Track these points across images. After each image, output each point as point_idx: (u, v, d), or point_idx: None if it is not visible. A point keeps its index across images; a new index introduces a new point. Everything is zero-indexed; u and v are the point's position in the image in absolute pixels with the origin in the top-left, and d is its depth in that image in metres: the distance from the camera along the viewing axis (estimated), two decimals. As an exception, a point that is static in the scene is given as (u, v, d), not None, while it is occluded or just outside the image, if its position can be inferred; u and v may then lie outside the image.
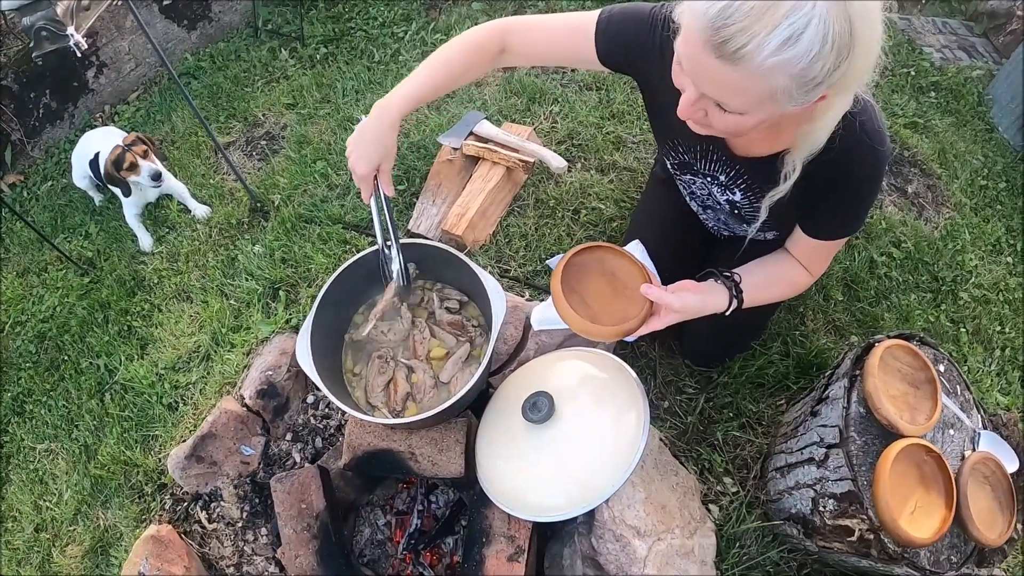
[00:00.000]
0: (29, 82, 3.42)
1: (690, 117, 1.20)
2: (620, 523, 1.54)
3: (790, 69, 0.98)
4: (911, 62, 3.35)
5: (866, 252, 2.47)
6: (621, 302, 1.45)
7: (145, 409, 2.31)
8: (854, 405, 1.59)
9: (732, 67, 1.00)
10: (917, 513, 1.47)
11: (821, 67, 0.99)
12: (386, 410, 1.70)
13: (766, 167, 1.36)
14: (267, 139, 3.16)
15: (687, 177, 1.69)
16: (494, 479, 1.58)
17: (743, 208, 1.60)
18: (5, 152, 3.46)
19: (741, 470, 1.99)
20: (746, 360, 2.13)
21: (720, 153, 1.49)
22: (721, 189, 1.60)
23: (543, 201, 2.53)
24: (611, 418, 1.55)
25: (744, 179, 1.50)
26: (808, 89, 1.03)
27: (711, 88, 1.09)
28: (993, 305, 2.47)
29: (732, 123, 1.15)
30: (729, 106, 1.10)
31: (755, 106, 1.08)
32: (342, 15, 3.64)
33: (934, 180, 2.85)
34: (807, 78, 1.00)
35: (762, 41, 0.96)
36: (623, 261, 1.50)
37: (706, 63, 1.03)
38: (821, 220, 1.44)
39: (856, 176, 1.32)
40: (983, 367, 2.29)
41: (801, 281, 1.57)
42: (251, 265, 2.52)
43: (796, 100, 1.05)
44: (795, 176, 1.27)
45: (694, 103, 1.15)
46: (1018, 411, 2.18)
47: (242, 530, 1.98)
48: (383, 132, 1.49)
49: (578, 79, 3.01)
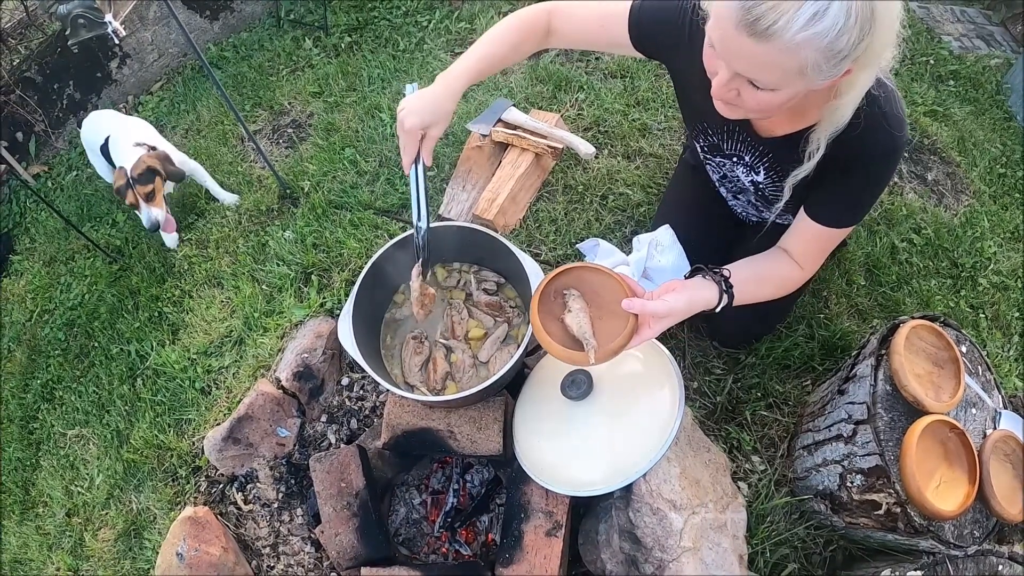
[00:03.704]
0: (53, 73, 3.47)
1: (723, 98, 1.25)
2: (657, 496, 1.56)
3: (818, 43, 1.03)
4: (930, 51, 3.35)
5: (887, 238, 2.49)
6: (606, 321, 1.41)
7: (178, 393, 2.34)
8: (880, 383, 1.62)
9: (764, 44, 1.05)
10: (942, 488, 1.50)
11: (847, 40, 1.04)
12: (425, 388, 1.72)
13: (789, 146, 1.40)
14: (293, 127, 3.19)
15: (718, 159, 1.71)
16: (532, 456, 1.61)
17: (766, 188, 1.64)
18: (30, 143, 3.51)
19: (768, 449, 2.01)
20: (772, 342, 2.16)
21: (745, 134, 1.53)
22: (746, 170, 1.64)
23: (571, 187, 2.54)
24: (647, 395, 1.58)
25: (768, 158, 1.54)
26: (835, 62, 1.08)
27: (744, 66, 1.13)
28: (1012, 292, 2.48)
29: (764, 100, 1.19)
30: (761, 83, 1.15)
31: (787, 81, 1.13)
32: (365, 4, 3.65)
33: (953, 168, 2.86)
34: (834, 51, 1.05)
35: (792, 17, 1.01)
36: (602, 277, 1.46)
37: (739, 42, 1.08)
38: (827, 202, 1.47)
39: (871, 157, 1.36)
40: (1002, 352, 2.30)
41: (793, 278, 1.57)
42: (282, 251, 2.54)
43: (825, 73, 1.10)
44: (819, 155, 1.31)
45: (727, 83, 1.19)
46: None
47: (278, 511, 2.00)
48: (441, 96, 1.49)
49: (602, 67, 3.02)
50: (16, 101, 3.39)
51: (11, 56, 3.45)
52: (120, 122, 2.81)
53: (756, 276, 1.54)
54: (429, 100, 1.48)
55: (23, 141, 3.50)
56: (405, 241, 1.73)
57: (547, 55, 3.07)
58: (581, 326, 1.37)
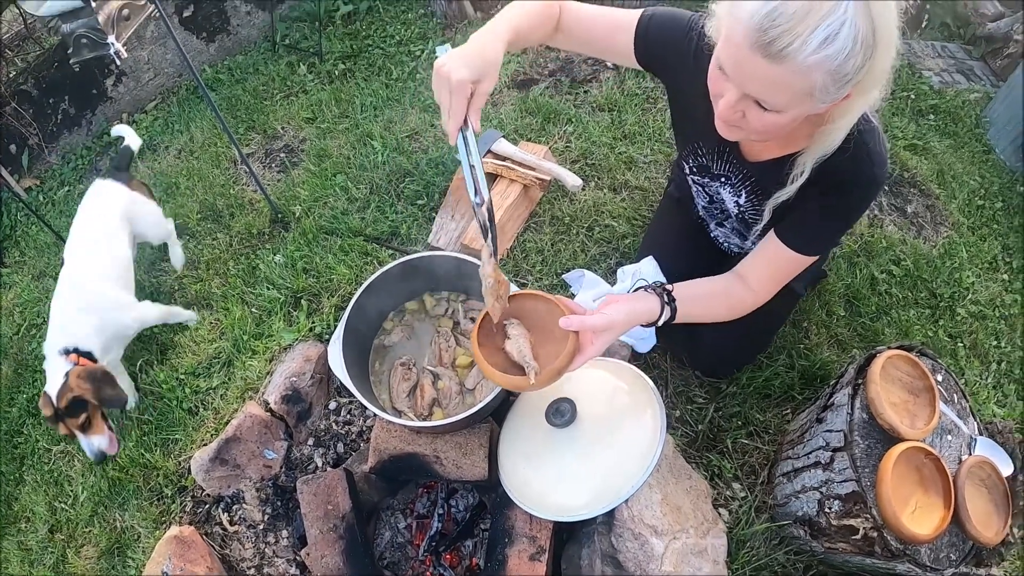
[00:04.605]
0: (49, 87, 3.51)
1: (728, 119, 1.29)
2: (639, 522, 1.61)
3: (828, 65, 1.09)
4: (911, 86, 3.43)
5: (867, 269, 2.54)
6: (550, 345, 1.43)
7: (165, 413, 2.35)
8: (857, 411, 1.68)
9: (778, 65, 1.10)
10: (917, 512, 1.55)
11: (852, 64, 1.09)
12: (412, 414, 1.76)
13: (774, 170, 1.46)
14: (286, 152, 3.23)
15: (706, 180, 1.76)
16: (517, 481, 1.65)
17: (746, 212, 1.70)
18: (23, 156, 3.53)
19: (749, 476, 2.05)
20: (753, 372, 2.21)
21: (734, 156, 1.59)
22: (731, 191, 1.69)
23: (558, 218, 2.61)
24: (630, 423, 1.63)
25: (751, 181, 1.60)
26: (840, 85, 1.13)
27: (755, 87, 1.18)
28: (989, 321, 2.53)
29: (769, 121, 1.24)
30: (770, 104, 1.19)
31: (795, 103, 1.18)
32: (359, 32, 3.73)
33: (933, 200, 2.92)
34: (841, 74, 1.11)
35: (805, 40, 1.06)
36: (541, 303, 1.49)
37: (753, 63, 1.13)
38: (797, 226, 1.51)
39: (850, 187, 1.41)
40: (980, 380, 2.36)
41: (744, 300, 1.61)
42: (272, 274, 2.58)
43: (830, 95, 1.16)
44: (802, 179, 1.37)
45: (734, 104, 1.24)
46: (1014, 422, 2.24)
47: (263, 532, 2.03)
48: (489, 45, 1.31)
49: (591, 100, 3.10)
50: (11, 113, 3.41)
51: (8, 68, 3.49)
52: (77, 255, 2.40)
53: (703, 293, 1.59)
54: (476, 51, 1.28)
55: (16, 154, 3.52)
56: (395, 269, 1.78)
57: (536, 87, 3.15)
58: (521, 351, 1.41)
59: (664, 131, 2.93)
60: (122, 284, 2.40)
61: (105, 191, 2.54)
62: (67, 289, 2.29)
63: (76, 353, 2.17)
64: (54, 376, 2.11)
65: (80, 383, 2.06)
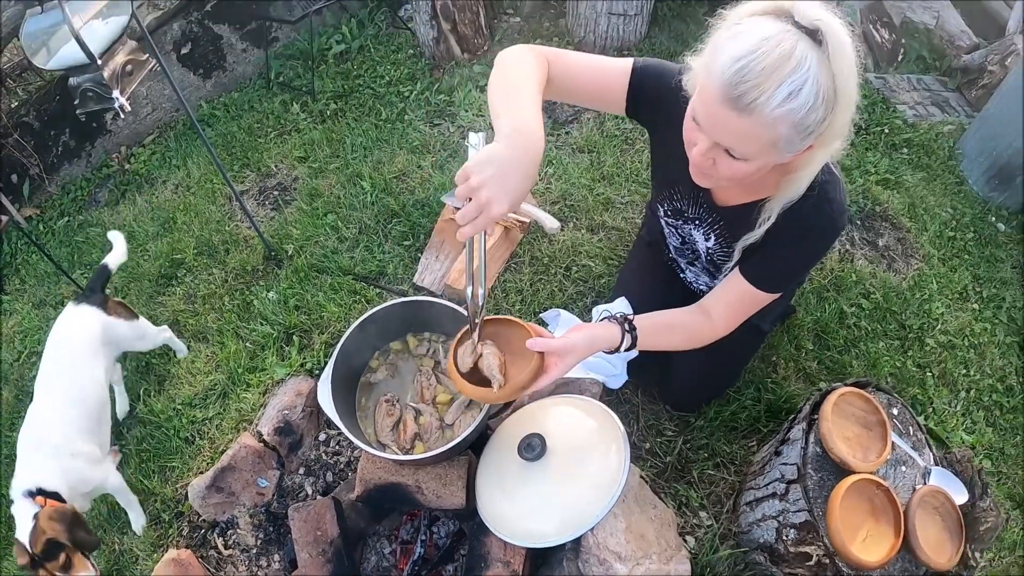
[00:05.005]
0: (50, 120, 3.61)
1: (700, 166, 1.38)
2: (603, 548, 1.71)
3: (792, 118, 1.18)
4: (885, 120, 3.48)
5: (836, 303, 2.62)
6: (518, 365, 1.53)
7: (163, 442, 2.46)
8: (812, 445, 1.78)
9: (746, 117, 1.19)
10: (868, 540, 1.65)
11: (814, 117, 1.19)
12: (396, 447, 1.89)
13: (742, 214, 1.57)
14: (279, 190, 3.34)
15: (679, 223, 1.86)
16: (492, 510, 1.76)
17: (715, 254, 1.81)
18: (23, 186, 3.62)
19: (715, 505, 2.15)
20: (721, 406, 2.30)
21: (706, 201, 1.70)
22: (702, 234, 1.80)
23: (538, 258, 2.72)
24: (596, 457, 1.74)
25: (719, 225, 1.71)
26: (803, 137, 1.23)
27: (725, 137, 1.27)
28: (959, 350, 2.59)
29: (737, 169, 1.32)
30: (738, 152, 1.28)
31: (761, 152, 1.27)
32: (351, 72, 3.84)
33: (904, 233, 2.98)
34: (803, 126, 1.20)
35: (771, 95, 1.15)
36: (512, 326, 1.60)
37: (723, 115, 1.22)
38: (761, 264, 1.59)
39: (810, 232, 1.49)
40: (949, 408, 2.43)
41: (704, 331, 1.67)
42: (266, 311, 2.69)
43: (794, 146, 1.25)
44: (769, 223, 1.47)
45: (706, 152, 1.32)
46: (982, 448, 2.35)
47: (256, 556, 2.15)
48: (529, 166, 1.24)
49: (571, 142, 3.23)
50: (13, 144, 3.50)
51: (9, 98, 3.57)
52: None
53: (664, 323, 1.67)
54: (519, 174, 1.21)
55: (17, 183, 3.61)
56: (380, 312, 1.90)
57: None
58: (490, 366, 1.52)
59: (641, 172, 3.04)
60: (92, 432, 2.22)
61: (78, 319, 2.34)
62: (34, 428, 2.15)
63: (42, 495, 2.02)
64: (23, 520, 1.97)
65: (52, 524, 1.92)
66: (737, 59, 1.16)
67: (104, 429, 2.29)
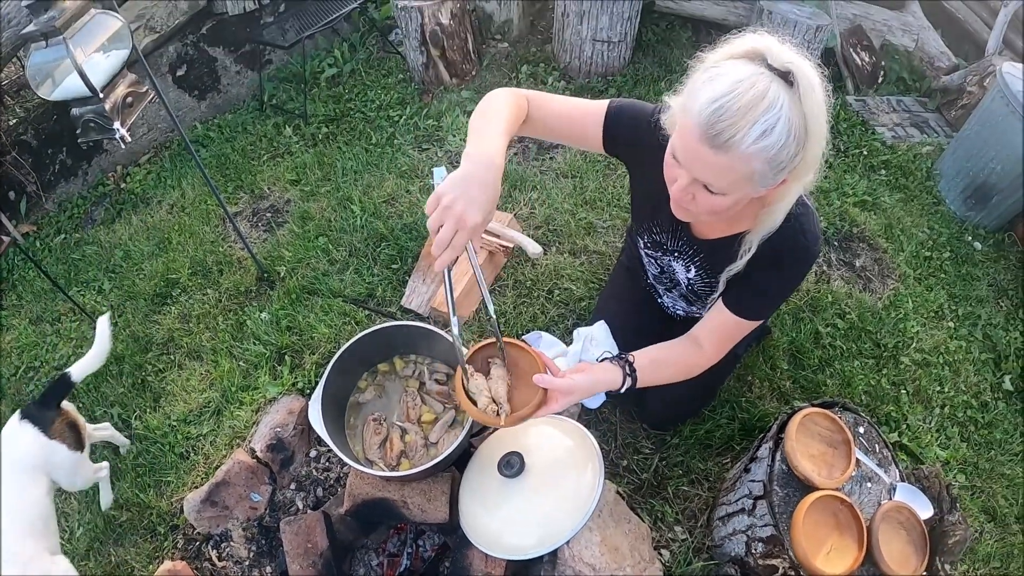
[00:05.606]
0: (48, 138, 3.67)
1: (680, 201, 1.44)
2: (579, 561, 1.80)
3: (765, 155, 1.25)
4: (864, 142, 3.55)
5: (811, 324, 2.68)
6: (522, 390, 1.59)
7: (158, 457, 2.52)
8: (778, 463, 1.87)
9: (723, 154, 1.25)
10: (832, 553, 1.72)
11: (787, 153, 1.26)
12: (383, 464, 1.99)
13: (721, 247, 1.65)
14: (272, 212, 3.41)
15: (659, 254, 1.95)
16: (474, 524, 1.86)
17: (696, 284, 1.91)
18: (20, 203, 3.67)
19: (690, 519, 2.21)
20: (696, 424, 2.37)
21: (685, 234, 1.77)
22: (682, 265, 1.89)
23: (521, 282, 2.81)
24: (572, 474, 1.84)
25: (699, 257, 1.80)
26: (776, 172, 1.29)
27: (703, 172, 1.32)
28: (933, 367, 2.64)
29: (715, 203, 1.38)
30: (715, 187, 1.33)
31: (737, 187, 1.32)
32: (342, 95, 3.92)
33: (880, 254, 3.04)
34: (777, 162, 1.27)
35: (746, 133, 1.22)
36: (522, 352, 1.65)
37: (701, 152, 1.28)
38: (742, 294, 1.66)
39: (787, 261, 1.58)
40: (923, 424, 2.48)
41: (697, 363, 1.75)
42: (258, 331, 2.76)
43: (768, 180, 1.31)
44: (750, 254, 1.54)
45: (685, 188, 1.39)
46: (956, 463, 2.41)
47: (249, 568, 2.22)
48: (491, 180, 1.31)
49: (555, 167, 3.32)
50: (11, 162, 3.55)
51: (7, 116, 3.62)
52: None
53: (660, 360, 1.73)
54: (481, 187, 1.29)
55: (15, 200, 3.66)
56: (368, 336, 2.00)
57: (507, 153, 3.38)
58: (498, 391, 1.59)
59: (622, 197, 3.13)
60: (40, 537, 2.06)
61: (17, 438, 2.12)
62: None
63: None
64: None
65: None
66: (714, 100, 1.23)
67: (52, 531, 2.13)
